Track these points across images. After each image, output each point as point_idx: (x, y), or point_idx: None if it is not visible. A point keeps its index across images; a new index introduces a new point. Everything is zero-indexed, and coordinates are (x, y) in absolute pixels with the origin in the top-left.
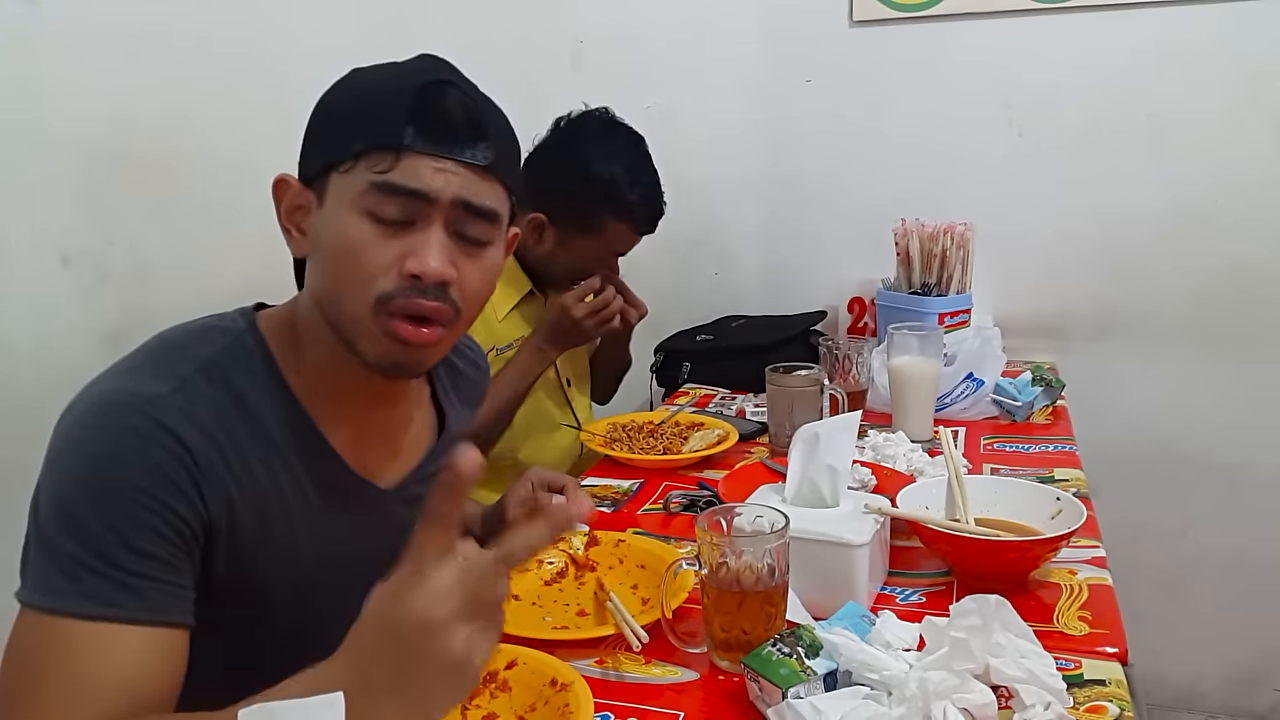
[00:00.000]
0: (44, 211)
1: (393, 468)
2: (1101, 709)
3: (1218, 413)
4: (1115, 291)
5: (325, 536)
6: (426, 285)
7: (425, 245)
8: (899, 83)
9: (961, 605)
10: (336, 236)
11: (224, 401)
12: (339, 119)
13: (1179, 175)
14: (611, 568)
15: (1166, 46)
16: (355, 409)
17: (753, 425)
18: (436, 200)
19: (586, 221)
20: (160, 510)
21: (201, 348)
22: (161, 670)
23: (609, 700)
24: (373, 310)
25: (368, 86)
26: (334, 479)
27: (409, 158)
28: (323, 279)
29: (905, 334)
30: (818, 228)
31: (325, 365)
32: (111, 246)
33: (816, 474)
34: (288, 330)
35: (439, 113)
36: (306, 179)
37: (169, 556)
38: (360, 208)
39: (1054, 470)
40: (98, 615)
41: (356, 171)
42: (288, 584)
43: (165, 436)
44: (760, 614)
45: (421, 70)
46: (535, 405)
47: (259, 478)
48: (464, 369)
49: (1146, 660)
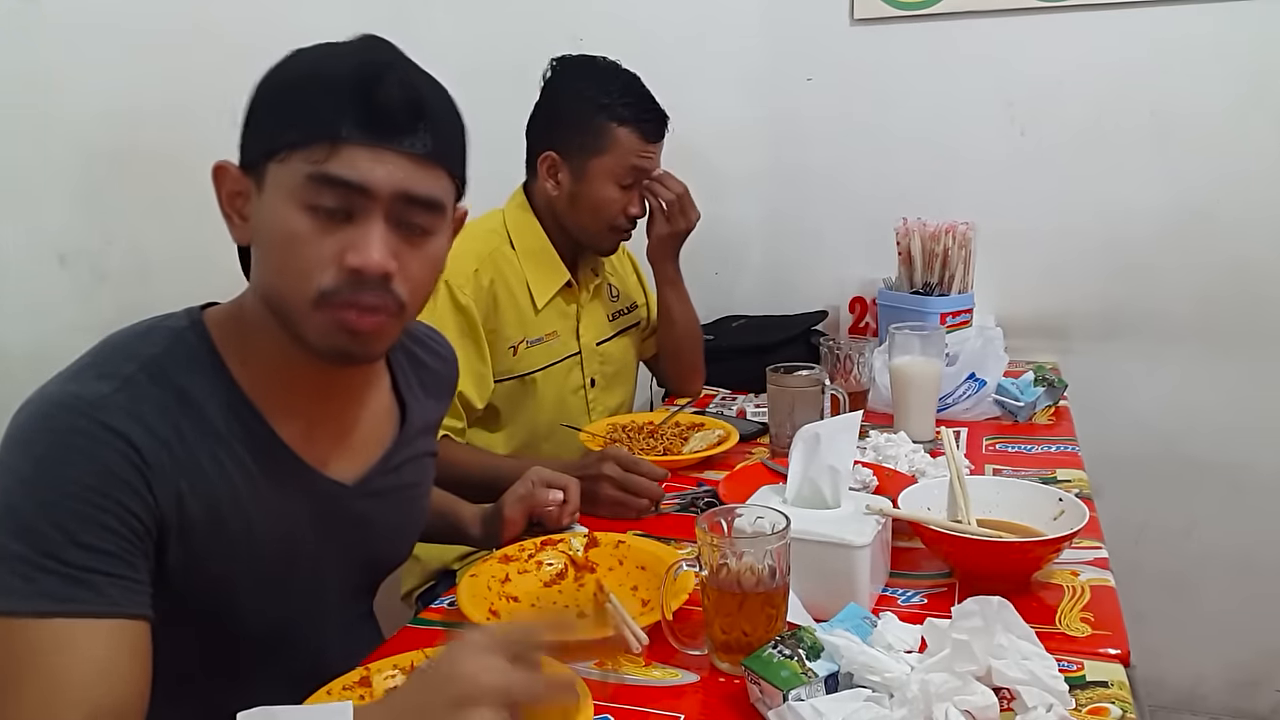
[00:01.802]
0: (42, 210)
1: (352, 462)
2: (1104, 710)
3: (1221, 413)
4: (1118, 291)
5: (283, 530)
6: (367, 280)
7: (365, 239)
8: (900, 81)
9: (963, 607)
10: (276, 228)
11: (167, 398)
12: (276, 105)
13: (1183, 174)
14: (611, 569)
15: (1169, 44)
16: (306, 401)
17: (753, 426)
18: (376, 193)
19: (592, 139)
20: (110, 507)
21: (144, 348)
22: (130, 663)
23: (609, 702)
24: (314, 304)
25: (304, 71)
26: (285, 471)
27: (346, 149)
28: (266, 269)
29: (907, 334)
30: (819, 227)
31: (273, 357)
32: (109, 246)
33: (817, 475)
34: (234, 324)
35: (376, 101)
36: (245, 165)
37: (121, 551)
38: (298, 199)
39: (1056, 471)
40: (56, 612)
41: (293, 162)
42: (250, 577)
43: (110, 436)
44: (761, 616)
45: (359, 53)
46: (560, 405)
47: (208, 472)
48: (427, 359)
49: (1149, 662)
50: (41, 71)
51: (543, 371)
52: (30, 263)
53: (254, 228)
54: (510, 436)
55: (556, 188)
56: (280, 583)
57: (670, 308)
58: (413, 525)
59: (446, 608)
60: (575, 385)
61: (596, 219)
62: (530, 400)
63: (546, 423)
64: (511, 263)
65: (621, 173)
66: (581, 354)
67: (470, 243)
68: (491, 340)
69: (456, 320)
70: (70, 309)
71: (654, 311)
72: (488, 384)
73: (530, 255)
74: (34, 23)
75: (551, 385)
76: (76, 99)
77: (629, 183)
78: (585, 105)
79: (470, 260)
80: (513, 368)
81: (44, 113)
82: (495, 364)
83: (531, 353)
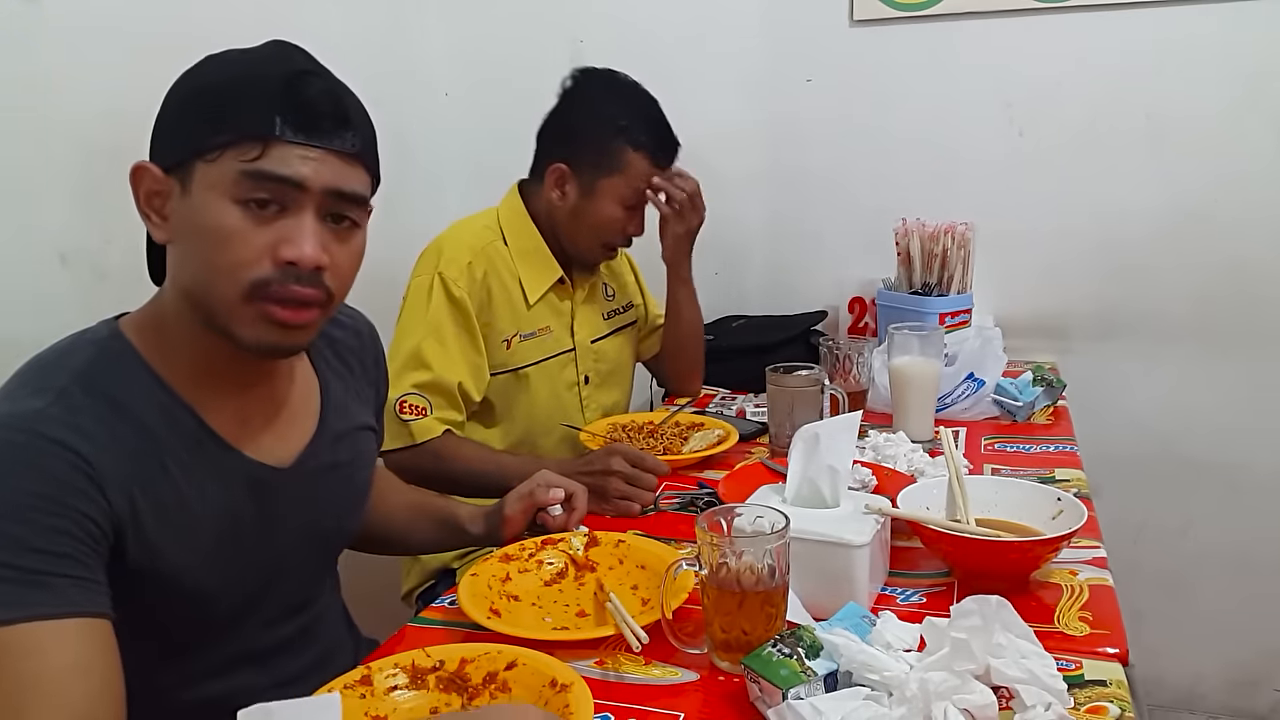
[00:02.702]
0: (42, 210)
1: (285, 444)
2: (1102, 709)
3: (1219, 413)
4: (1116, 291)
5: (229, 521)
6: (301, 272)
7: (299, 232)
8: (900, 82)
9: (962, 606)
10: (206, 224)
11: (101, 407)
12: (203, 107)
13: (1179, 174)
14: (611, 568)
15: (1166, 45)
16: (233, 391)
17: (753, 425)
18: (308, 188)
19: (606, 158)
20: (63, 512)
21: (71, 362)
22: (101, 661)
23: (609, 701)
24: (245, 296)
25: (231, 74)
26: (222, 462)
27: (278, 147)
28: (192, 266)
29: (906, 334)
30: (818, 227)
31: (197, 353)
32: (109, 245)
33: (817, 474)
34: (152, 327)
35: (306, 102)
36: (166, 165)
37: (76, 553)
38: (230, 195)
39: (1055, 470)
40: (20, 617)
41: (224, 160)
42: (207, 571)
43: (54, 447)
44: (760, 615)
45: (282, 58)
46: (554, 401)
47: (150, 472)
48: (342, 337)
49: (1147, 661)
50: (42, 72)
51: (536, 366)
52: (30, 262)
53: (176, 226)
54: (506, 432)
55: (561, 199)
56: (233, 573)
57: (681, 306)
58: (355, 501)
59: (447, 607)
60: (569, 382)
61: (594, 235)
62: (524, 395)
63: (542, 419)
64: (504, 257)
65: (629, 195)
66: (575, 351)
67: (464, 237)
68: (486, 333)
69: (451, 313)
70: (70, 308)
71: (652, 312)
72: (484, 376)
73: (523, 253)
74: (35, 24)
75: (545, 380)
76: (77, 99)
77: (633, 204)
78: (603, 124)
79: (464, 254)
80: (506, 361)
81: (44, 113)
82: (489, 357)
83: (524, 347)
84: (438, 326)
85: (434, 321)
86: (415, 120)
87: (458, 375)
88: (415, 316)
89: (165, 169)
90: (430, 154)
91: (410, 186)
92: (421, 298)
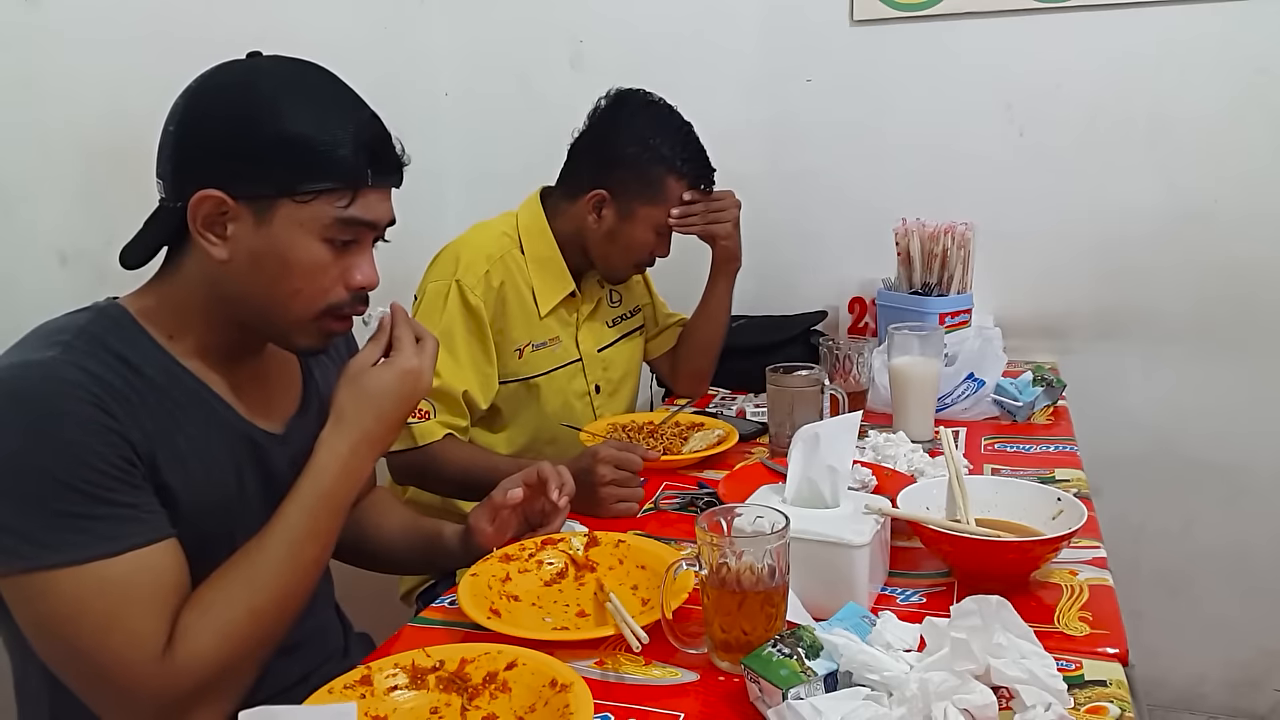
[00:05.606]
0: (42, 210)
1: (275, 411)
2: (1102, 709)
3: (1219, 412)
4: (1116, 291)
5: (234, 476)
6: (363, 294)
7: (367, 261)
8: (900, 82)
9: (962, 606)
10: (291, 256)
11: (109, 359)
12: (294, 155)
13: (1179, 174)
14: (611, 568)
15: (1167, 45)
16: (229, 362)
17: (753, 425)
18: (381, 226)
19: (647, 185)
20: (106, 448)
21: (73, 324)
22: (182, 571)
23: (609, 701)
24: (317, 316)
25: (315, 122)
26: (223, 422)
27: (365, 193)
28: (259, 285)
29: (906, 334)
30: (818, 227)
31: (205, 335)
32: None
33: (817, 474)
34: (158, 307)
35: (387, 153)
36: (237, 194)
37: (139, 483)
38: (320, 235)
39: (1055, 470)
40: (126, 548)
41: (317, 204)
42: (215, 521)
43: (72, 388)
44: (760, 615)
45: (352, 103)
46: (565, 410)
47: (162, 421)
48: None
49: (1147, 661)
50: (42, 73)
51: (545, 376)
52: (30, 262)
53: (241, 248)
54: (511, 439)
55: (598, 222)
56: (239, 526)
57: (719, 302)
58: None
59: (447, 607)
60: (579, 391)
61: (626, 256)
62: (533, 404)
63: (550, 426)
64: (520, 267)
65: (664, 221)
66: (583, 360)
67: (482, 244)
68: (498, 341)
69: (465, 320)
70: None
71: (662, 311)
72: (493, 385)
73: (539, 263)
74: (36, 24)
75: (555, 390)
76: (77, 100)
77: (667, 230)
78: (646, 152)
79: (482, 262)
80: (517, 370)
81: (45, 113)
82: (501, 365)
83: (536, 356)
84: (449, 334)
85: (446, 328)
86: (415, 120)
87: (464, 384)
88: (428, 322)
89: (235, 197)
90: (430, 154)
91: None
92: (437, 303)
